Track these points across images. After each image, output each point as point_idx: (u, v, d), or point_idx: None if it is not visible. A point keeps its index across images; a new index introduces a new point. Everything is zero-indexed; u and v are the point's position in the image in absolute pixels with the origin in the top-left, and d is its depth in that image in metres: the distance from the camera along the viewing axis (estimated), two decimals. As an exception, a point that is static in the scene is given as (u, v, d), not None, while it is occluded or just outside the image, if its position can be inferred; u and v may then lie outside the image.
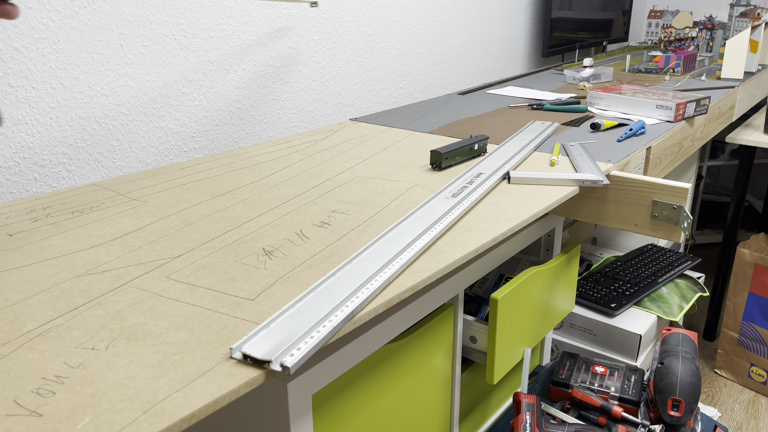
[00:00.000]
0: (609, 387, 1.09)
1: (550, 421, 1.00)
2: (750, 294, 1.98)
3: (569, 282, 1.15)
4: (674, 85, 1.85)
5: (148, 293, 0.62)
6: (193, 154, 1.25)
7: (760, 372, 2.00)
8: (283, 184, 0.97)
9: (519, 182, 0.96)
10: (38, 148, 1.01)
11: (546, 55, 2.18)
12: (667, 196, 0.96)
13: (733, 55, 1.97)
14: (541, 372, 1.22)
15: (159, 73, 1.15)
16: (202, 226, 0.80)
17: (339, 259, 0.69)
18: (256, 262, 0.69)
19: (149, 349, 0.53)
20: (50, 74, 1.00)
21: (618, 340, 1.40)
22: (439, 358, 0.89)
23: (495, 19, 2.10)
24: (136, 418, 0.44)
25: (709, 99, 1.45)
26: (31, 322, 0.57)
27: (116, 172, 1.13)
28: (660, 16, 2.99)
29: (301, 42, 1.42)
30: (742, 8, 2.75)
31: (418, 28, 1.77)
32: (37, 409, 0.45)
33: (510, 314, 0.94)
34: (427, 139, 1.23)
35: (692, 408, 0.98)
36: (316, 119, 1.52)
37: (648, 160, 1.20)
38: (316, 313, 0.57)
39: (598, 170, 0.99)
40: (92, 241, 0.75)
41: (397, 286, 0.63)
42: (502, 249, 0.98)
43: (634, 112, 1.44)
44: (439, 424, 0.94)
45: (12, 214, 0.84)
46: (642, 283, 1.54)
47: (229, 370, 0.50)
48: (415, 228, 0.76)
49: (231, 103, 1.30)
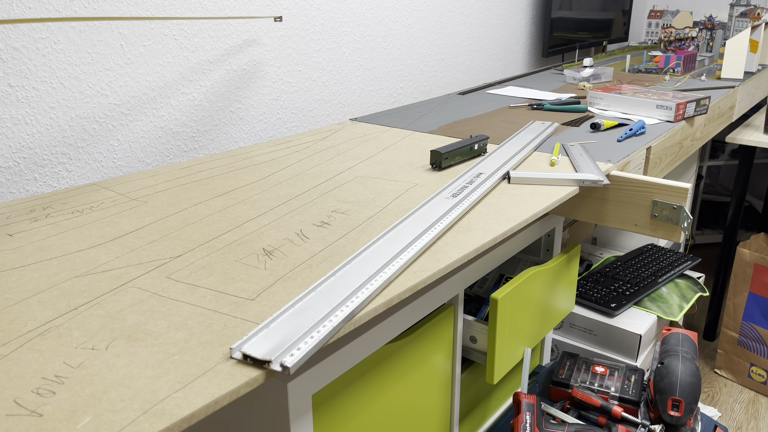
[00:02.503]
0: (609, 387, 1.09)
1: (550, 421, 1.00)
2: (750, 294, 1.98)
3: (569, 282, 1.15)
4: (674, 85, 1.85)
5: (148, 293, 0.62)
6: (193, 154, 1.25)
7: (760, 372, 2.00)
8: (283, 184, 0.97)
9: (519, 182, 0.96)
10: (38, 148, 1.01)
11: (546, 55, 2.18)
12: (667, 196, 0.96)
13: (733, 55, 1.97)
14: (541, 372, 1.22)
15: (159, 73, 1.15)
16: (202, 226, 0.80)
17: (339, 259, 0.69)
18: (256, 262, 0.69)
19: (149, 349, 0.53)
20: (50, 74, 1.00)
21: (618, 340, 1.40)
22: (439, 358, 0.89)
23: (495, 19, 2.10)
24: (136, 418, 0.44)
25: (709, 99, 1.45)
26: (31, 322, 0.57)
27: (116, 172, 1.13)
28: (660, 16, 2.99)
29: (300, 42, 1.42)
30: (742, 8, 2.75)
31: (418, 28, 1.77)
32: (37, 409, 0.45)
33: (510, 314, 0.94)
34: (427, 139, 1.23)
35: (692, 408, 0.98)
36: (316, 119, 1.52)
37: (648, 160, 1.20)
38: (316, 313, 0.57)
39: (598, 170, 0.99)
40: (92, 241, 0.75)
41: (397, 286, 0.63)
42: (502, 249, 0.98)
43: (634, 112, 1.44)
44: (439, 424, 0.94)
45: (12, 214, 0.84)
46: (642, 283, 1.54)
47: (229, 370, 0.50)
48: (415, 228, 0.76)
49: (231, 103, 1.30)
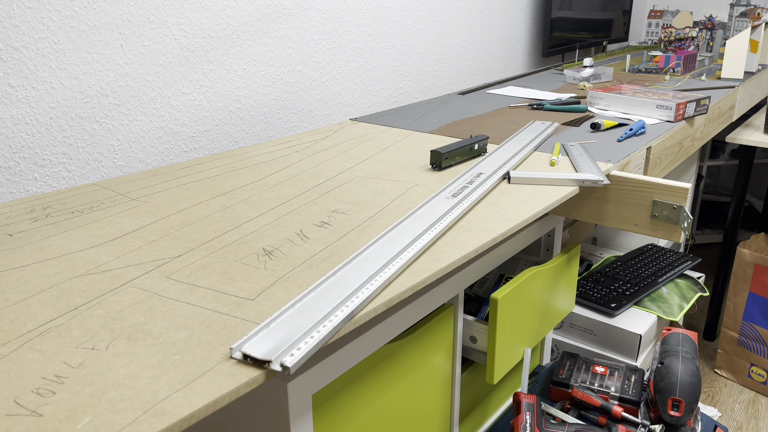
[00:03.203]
0: (609, 387, 1.09)
1: (550, 421, 1.00)
2: (750, 294, 1.98)
3: (569, 282, 1.15)
4: (674, 85, 1.85)
5: (148, 293, 0.62)
6: (193, 154, 1.25)
7: (760, 372, 2.00)
8: (283, 184, 0.97)
9: (519, 182, 0.96)
10: (38, 148, 1.01)
11: (546, 55, 2.18)
12: (667, 196, 0.96)
13: (733, 55, 1.97)
14: (541, 372, 1.22)
15: (159, 73, 1.15)
16: (202, 226, 0.80)
17: (339, 259, 0.69)
18: (256, 262, 0.69)
19: (149, 349, 0.53)
20: (50, 74, 1.00)
21: (618, 340, 1.40)
22: (439, 358, 0.89)
23: (495, 19, 2.10)
24: (136, 418, 0.44)
25: (709, 99, 1.45)
26: (31, 322, 0.57)
27: (116, 172, 1.13)
28: (660, 16, 2.99)
29: (301, 42, 1.42)
30: (742, 8, 2.75)
31: (418, 28, 1.77)
32: (37, 409, 0.45)
33: (510, 314, 0.94)
34: (427, 139, 1.23)
35: (692, 408, 0.98)
36: (316, 119, 1.52)
37: (648, 160, 1.20)
38: (316, 313, 0.57)
39: (598, 170, 0.99)
40: (92, 241, 0.75)
41: (397, 286, 0.63)
42: (502, 249, 0.98)
43: (634, 112, 1.44)
44: (439, 424, 0.94)
45: (12, 214, 0.84)
46: (642, 283, 1.54)
47: (229, 370, 0.50)
48: (415, 228, 0.76)
49: (231, 103, 1.30)
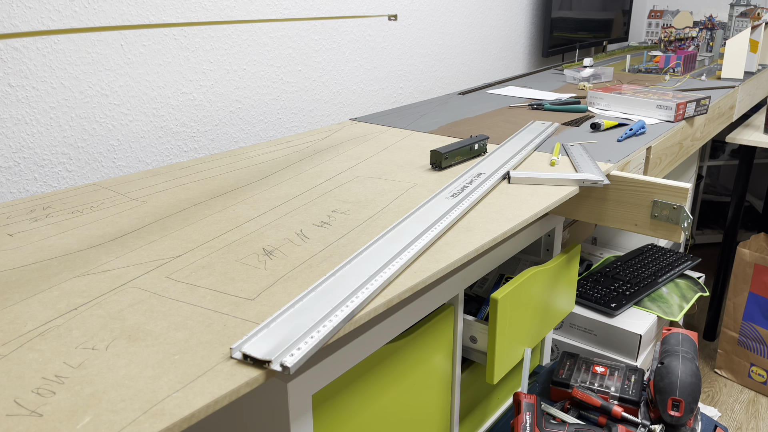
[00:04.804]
0: (609, 387, 1.09)
1: (550, 421, 1.00)
2: (750, 294, 1.98)
3: (569, 282, 1.15)
4: (674, 85, 1.85)
5: (148, 293, 0.62)
6: (193, 154, 1.25)
7: (760, 372, 2.00)
8: (283, 184, 0.97)
9: (519, 182, 0.96)
10: (38, 148, 1.01)
11: (546, 55, 2.18)
12: (667, 196, 0.96)
13: (733, 55, 1.97)
14: (541, 372, 1.22)
15: (159, 73, 1.15)
16: (202, 226, 0.80)
17: (339, 259, 0.69)
18: (256, 262, 0.69)
19: (149, 349, 0.53)
20: (50, 74, 1.00)
21: (618, 340, 1.40)
22: (439, 358, 0.89)
23: (495, 19, 2.10)
24: (136, 418, 0.44)
25: (709, 99, 1.45)
26: (31, 322, 0.57)
27: (116, 172, 1.13)
28: (660, 16, 2.99)
29: (301, 42, 1.42)
30: (742, 8, 2.75)
31: (418, 28, 1.77)
32: (37, 409, 0.45)
33: (510, 314, 0.94)
34: (427, 139, 1.23)
35: (692, 408, 0.98)
36: (316, 119, 1.52)
37: (648, 160, 1.20)
38: (316, 313, 0.57)
39: (598, 170, 0.99)
40: (92, 241, 0.75)
41: (397, 286, 0.63)
42: (502, 249, 0.98)
43: (634, 112, 1.44)
44: (439, 424, 0.94)
45: (12, 214, 0.84)
46: (642, 283, 1.54)
47: (229, 370, 0.50)
48: (415, 228, 0.76)
49: (231, 103, 1.30)
